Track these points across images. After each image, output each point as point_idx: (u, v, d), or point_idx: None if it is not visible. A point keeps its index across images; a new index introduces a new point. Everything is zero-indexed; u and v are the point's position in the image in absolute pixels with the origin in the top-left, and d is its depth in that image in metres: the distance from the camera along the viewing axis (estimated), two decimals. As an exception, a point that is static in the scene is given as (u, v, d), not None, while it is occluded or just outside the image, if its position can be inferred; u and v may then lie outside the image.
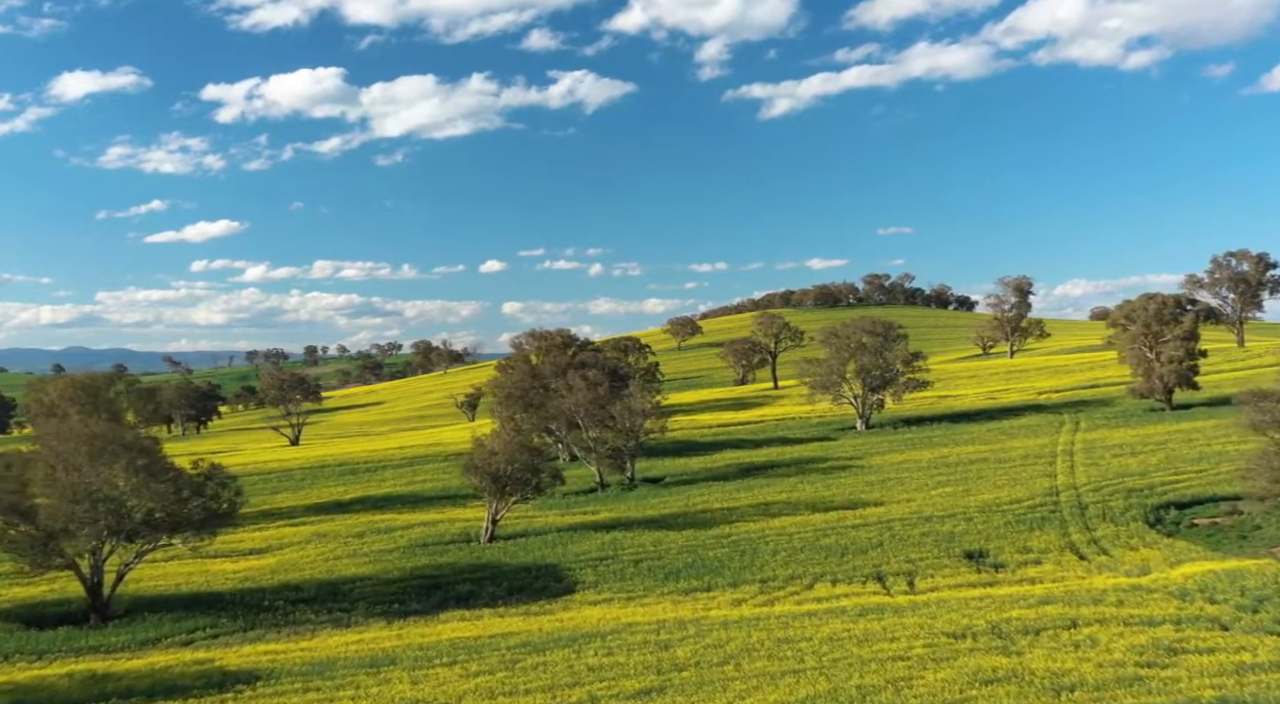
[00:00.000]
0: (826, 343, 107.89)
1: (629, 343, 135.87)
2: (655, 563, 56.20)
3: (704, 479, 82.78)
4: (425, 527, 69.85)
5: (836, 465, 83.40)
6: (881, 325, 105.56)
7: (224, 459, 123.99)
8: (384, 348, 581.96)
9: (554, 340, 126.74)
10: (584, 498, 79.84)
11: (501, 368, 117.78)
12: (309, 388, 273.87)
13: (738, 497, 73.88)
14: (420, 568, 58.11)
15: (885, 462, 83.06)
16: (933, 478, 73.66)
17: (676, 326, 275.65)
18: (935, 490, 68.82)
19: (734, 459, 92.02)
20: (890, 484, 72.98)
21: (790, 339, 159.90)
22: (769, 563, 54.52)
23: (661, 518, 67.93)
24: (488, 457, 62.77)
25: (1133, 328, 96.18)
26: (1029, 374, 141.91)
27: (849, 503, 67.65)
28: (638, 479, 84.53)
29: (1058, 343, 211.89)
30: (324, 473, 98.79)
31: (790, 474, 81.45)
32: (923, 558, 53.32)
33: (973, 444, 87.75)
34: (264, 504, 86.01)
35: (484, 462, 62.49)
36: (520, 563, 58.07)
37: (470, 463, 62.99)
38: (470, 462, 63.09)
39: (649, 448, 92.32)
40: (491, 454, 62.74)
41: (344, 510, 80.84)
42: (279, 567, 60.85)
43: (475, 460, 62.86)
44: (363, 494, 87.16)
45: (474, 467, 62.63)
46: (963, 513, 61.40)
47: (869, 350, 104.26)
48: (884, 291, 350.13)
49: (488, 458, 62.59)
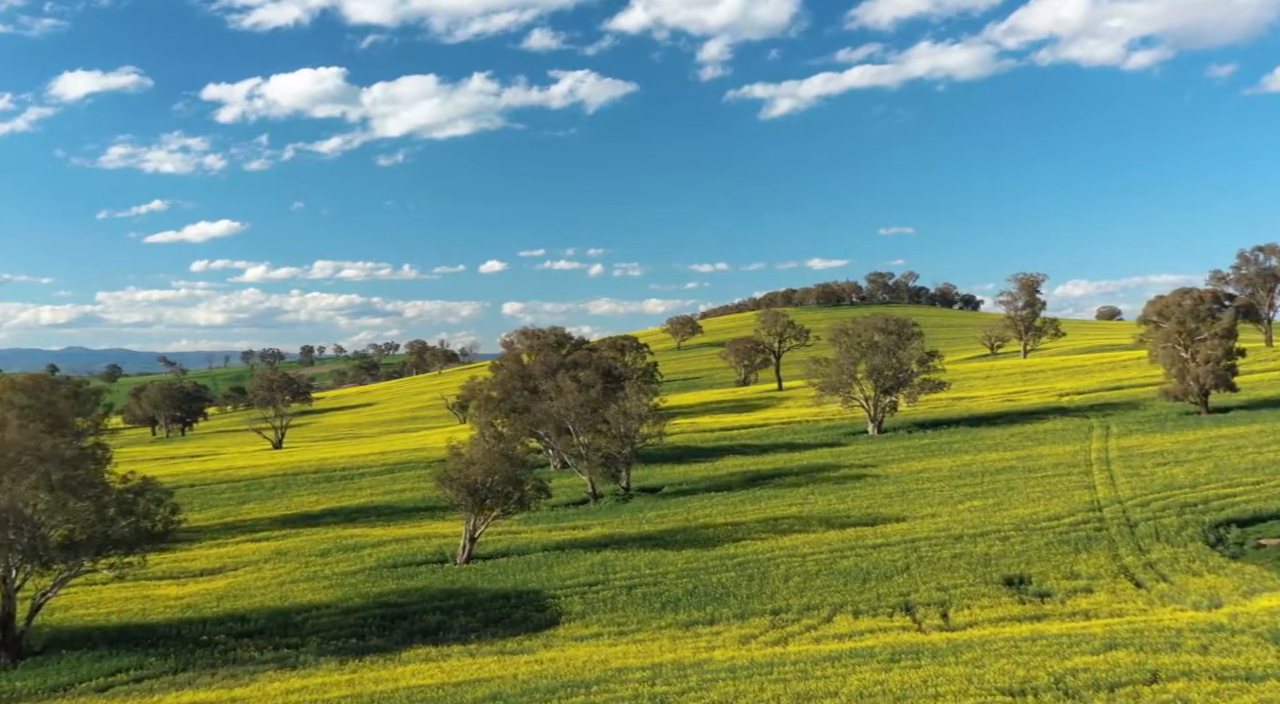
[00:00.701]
0: (836, 342, 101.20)
1: (626, 342, 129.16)
2: (651, 589, 49.44)
3: (705, 489, 76.04)
4: (397, 544, 63.12)
5: (850, 474, 76.66)
6: (895, 323, 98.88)
7: (200, 464, 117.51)
8: (380, 348, 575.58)
9: (546, 339, 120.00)
10: (574, 510, 73.14)
11: (495, 368, 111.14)
12: (298, 389, 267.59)
13: (743, 510, 67.16)
14: (385, 594, 51.35)
15: (903, 470, 76.30)
16: (958, 489, 66.94)
17: (676, 326, 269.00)
18: (963, 504, 62.09)
19: (738, 466, 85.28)
20: (911, 496, 66.26)
21: (795, 338, 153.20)
22: (780, 590, 47.78)
23: (659, 535, 61.20)
24: (464, 467, 56.08)
25: (1166, 325, 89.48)
26: (1046, 375, 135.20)
27: (867, 518, 60.93)
28: (633, 489, 77.83)
29: (1068, 343, 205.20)
30: (297, 481, 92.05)
31: (800, 484, 74.73)
32: (956, 585, 46.61)
33: (997, 450, 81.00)
34: (228, 516, 79.32)
35: (460, 473, 55.80)
36: (498, 588, 51.30)
37: (444, 474, 56.28)
38: (444, 473, 56.38)
39: (646, 454, 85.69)
40: (468, 464, 56.05)
41: (312, 524, 74.10)
42: (229, 591, 54.09)
43: (450, 471, 56.16)
44: (335, 505, 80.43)
45: (448, 478, 55.92)
46: (996, 531, 54.68)
47: (881, 349, 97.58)
48: (888, 290, 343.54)
49: (464, 469, 55.91)
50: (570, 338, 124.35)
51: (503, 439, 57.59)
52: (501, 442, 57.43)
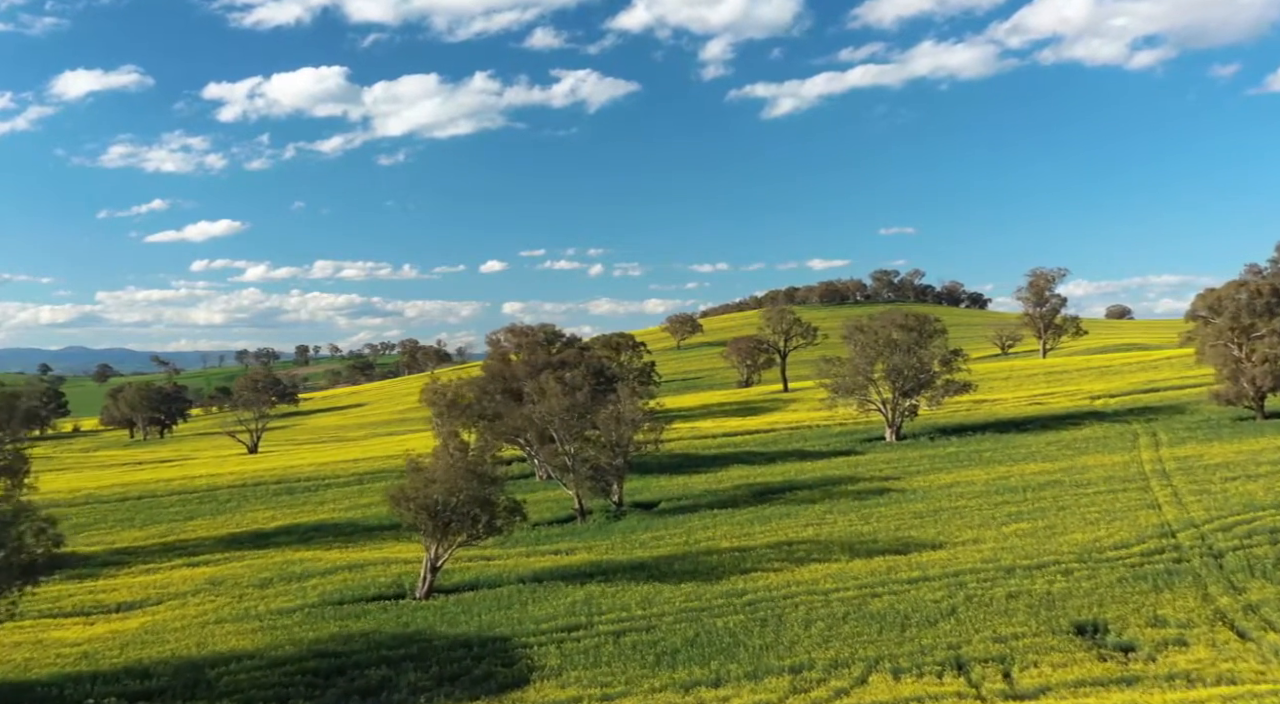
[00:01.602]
0: (850, 339, 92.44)
1: (621, 340, 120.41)
2: (643, 636, 40.67)
3: (708, 505, 67.29)
4: (350, 572, 54.34)
5: (871, 489, 67.87)
6: (915, 318, 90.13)
7: (154, 473, 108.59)
8: (376, 348, 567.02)
9: (535, 337, 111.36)
10: (558, 530, 64.42)
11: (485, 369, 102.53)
12: (284, 390, 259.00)
13: (751, 531, 58.40)
14: (323, 641, 42.55)
15: (931, 484, 67.51)
16: (999, 508, 58.16)
17: (675, 324, 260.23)
18: (1009, 527, 53.28)
19: (743, 478, 76.51)
20: (945, 516, 57.47)
21: (802, 337, 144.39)
22: (801, 639, 39.00)
23: (654, 562, 52.42)
24: (423, 485, 47.31)
25: (1218, 321, 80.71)
26: (1071, 375, 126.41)
27: (897, 544, 52.15)
28: (626, 504, 69.08)
29: (1082, 343, 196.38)
30: (256, 493, 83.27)
31: (815, 499, 65.96)
32: (1017, 634, 37.87)
33: (1034, 461, 72.21)
34: (170, 534, 70.58)
35: (418, 492, 47.04)
36: (460, 634, 42.53)
37: (399, 493, 47.48)
38: (400, 491, 47.57)
39: (641, 463, 76.96)
40: (429, 482, 47.29)
41: (261, 544, 65.37)
42: (139, 635, 45.30)
43: (407, 490, 47.37)
44: (291, 522, 71.67)
45: (404, 498, 47.15)
46: (1055, 561, 45.91)
47: (900, 348, 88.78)
48: (892, 288, 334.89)
49: (423, 487, 47.14)
50: (561, 335, 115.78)
51: (469, 451, 48.82)
52: (469, 454, 48.66)
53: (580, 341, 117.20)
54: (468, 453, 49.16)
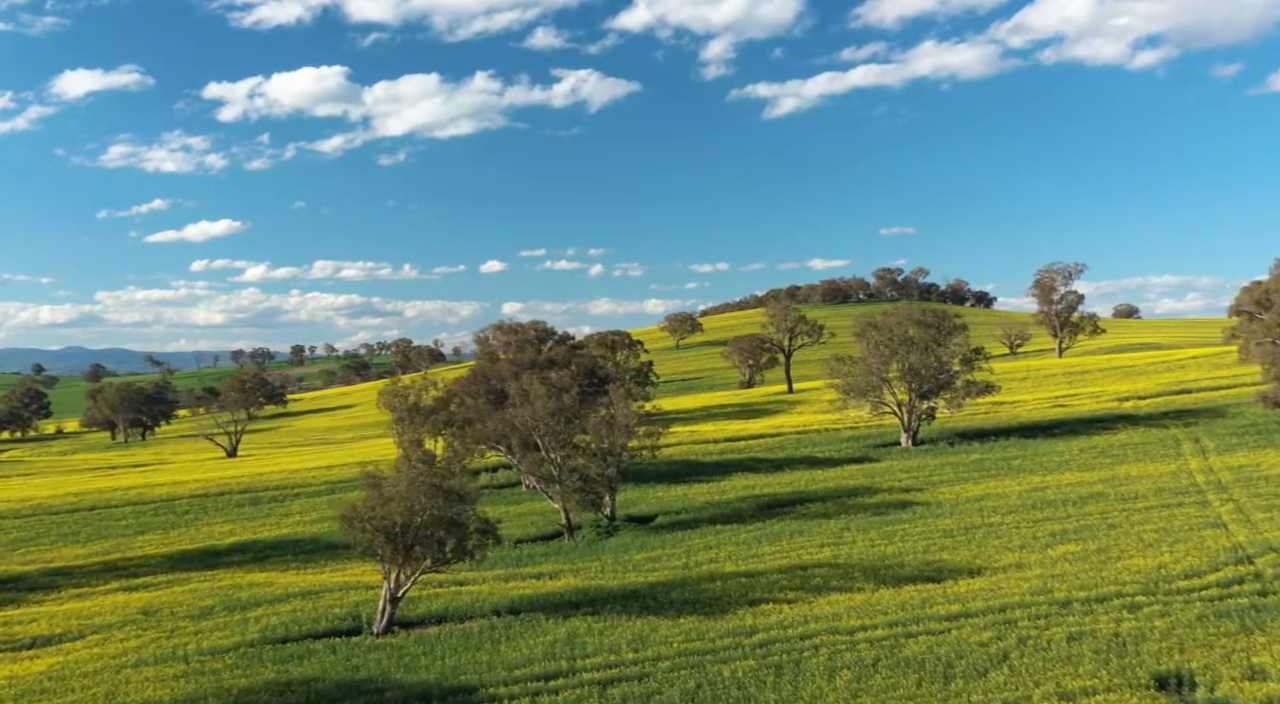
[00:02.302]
0: (863, 337, 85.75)
1: (617, 338, 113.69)
2: (635, 688, 33.96)
3: (709, 519, 60.61)
4: (303, 600, 47.58)
5: (891, 501, 61.18)
6: (934, 314, 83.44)
7: (128, 478, 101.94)
8: (372, 347, 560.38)
9: (525, 334, 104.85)
10: (542, 548, 57.74)
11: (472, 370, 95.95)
12: (272, 390, 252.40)
13: (760, 551, 51.72)
14: (255, 691, 35.79)
15: (957, 496, 60.81)
16: (1040, 526, 51.46)
17: (675, 323, 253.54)
18: (1055, 550, 46.57)
19: (748, 488, 69.84)
20: (980, 536, 50.75)
21: (808, 335, 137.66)
22: (825, 694, 32.27)
23: (649, 590, 45.68)
24: (380, 504, 40.60)
25: (1265, 317, 74.07)
26: (1093, 376, 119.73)
27: (928, 569, 45.45)
28: (619, 519, 62.44)
29: (1095, 342, 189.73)
30: (218, 503, 76.55)
31: (829, 514, 59.26)
32: (1087, 687, 31.16)
33: (1070, 470, 65.56)
34: (115, 551, 63.88)
35: (373, 511, 40.32)
36: (418, 682, 35.80)
37: (352, 513, 40.73)
38: (352, 511, 40.82)
39: (636, 471, 70.29)
40: (386, 500, 40.58)
41: (212, 564, 58.71)
42: (42, 681, 38.55)
43: (360, 509, 40.64)
44: (249, 538, 64.98)
45: (357, 518, 40.41)
46: (1116, 593, 39.21)
47: (918, 346, 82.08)
48: (896, 287, 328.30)
49: (380, 506, 40.43)
50: (553, 333, 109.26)
51: (436, 463, 42.16)
52: (435, 466, 41.98)
53: (573, 339, 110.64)
54: (434, 465, 42.45)
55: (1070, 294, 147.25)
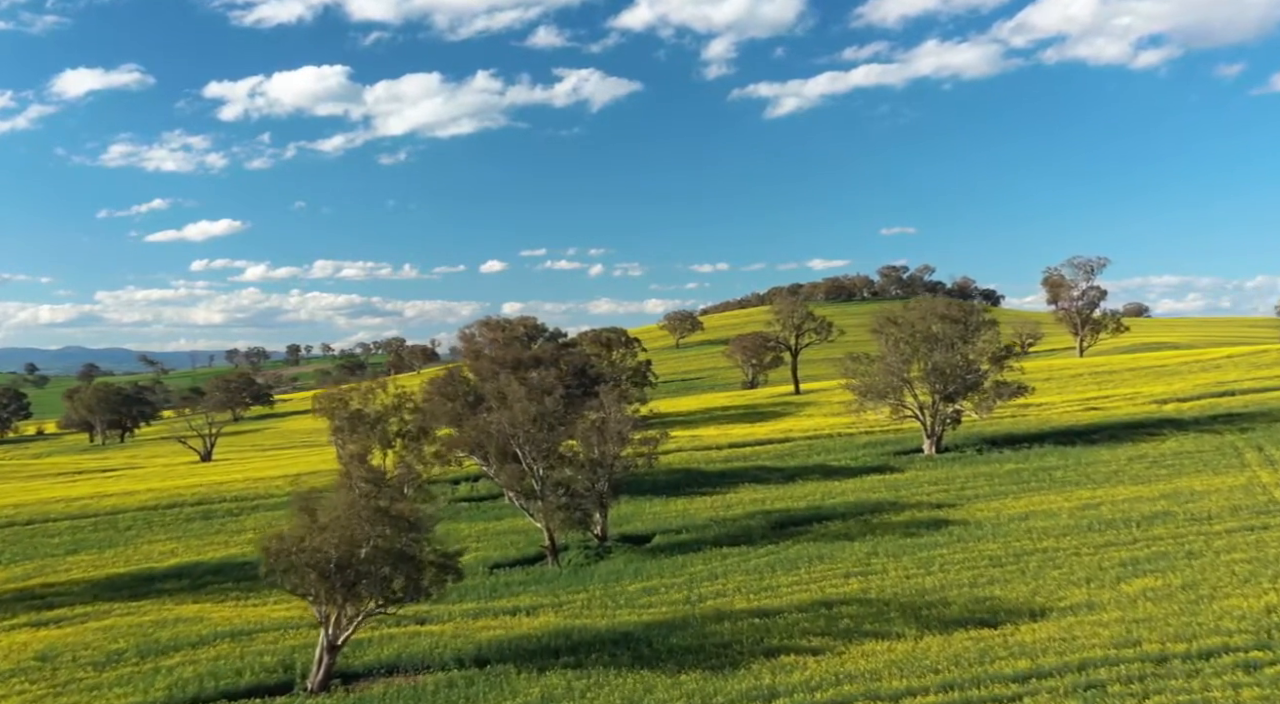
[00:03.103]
0: (881, 333, 78.09)
1: (612, 336, 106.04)
2: (623, 777, 26.35)
3: (714, 540, 52.92)
4: (233, 641, 39.93)
5: (922, 520, 53.52)
6: (960, 308, 75.90)
7: (86, 487, 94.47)
8: (368, 347, 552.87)
9: (513, 331, 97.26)
10: (521, 575, 50.03)
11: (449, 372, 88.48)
12: (259, 391, 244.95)
13: (775, 582, 44.07)
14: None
15: (999, 513, 53.11)
16: (1103, 553, 43.81)
17: (674, 322, 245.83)
18: (1130, 585, 38.89)
19: (757, 502, 62.20)
20: (1034, 565, 43.08)
21: (815, 332, 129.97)
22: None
23: (644, 632, 38.06)
24: (312, 532, 32.93)
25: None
26: (1122, 376, 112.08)
27: (980, 608, 37.80)
28: (610, 538, 54.79)
29: (1110, 342, 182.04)
30: (165, 517, 68.85)
31: (852, 534, 51.57)
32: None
33: (1122, 483, 57.94)
34: (37, 574, 56.18)
35: (302, 542, 32.64)
36: (347, 765, 28.17)
37: (277, 544, 32.98)
38: (277, 542, 33.08)
39: (632, 482, 62.63)
40: (319, 528, 32.92)
41: (141, 592, 51.03)
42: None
43: (288, 539, 32.92)
44: (192, 559, 57.30)
45: (283, 550, 32.69)
46: (1223, 646, 31.56)
47: (943, 343, 74.50)
48: (901, 285, 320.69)
49: (312, 535, 32.75)
50: (543, 330, 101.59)
51: (384, 483, 34.58)
52: (383, 486, 34.41)
53: (565, 336, 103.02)
54: (382, 484, 34.83)
55: (1092, 290, 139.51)
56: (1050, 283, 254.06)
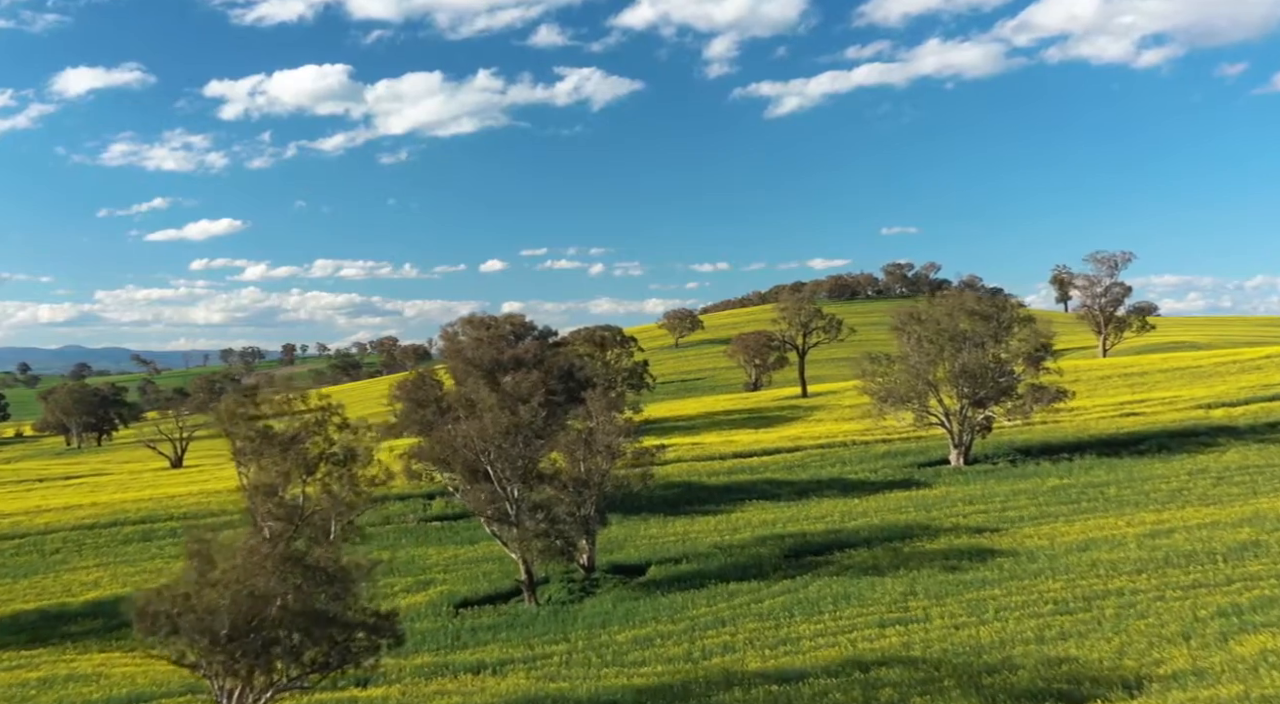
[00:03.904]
0: (903, 332, 70.49)
1: (607, 335, 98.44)
2: None
3: (718, 572, 45.24)
4: (126, 711, 32.31)
5: (963, 548, 45.81)
6: (990, 303, 68.28)
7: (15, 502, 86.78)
8: (363, 346, 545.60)
9: (499, 329, 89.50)
10: (490, 616, 42.36)
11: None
12: (245, 393, 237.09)
13: (794, 632, 36.37)
14: None
15: (1052, 542, 45.36)
16: (1194, 596, 36.08)
17: (674, 320, 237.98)
18: (1243, 644, 31.14)
19: (766, 523, 54.56)
20: (1109, 610, 35.37)
21: (824, 331, 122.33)
22: None
23: (635, 701, 30.43)
24: (200, 587, 25.25)
25: None
26: (1154, 378, 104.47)
27: (1056, 674, 30.07)
28: (599, 570, 47.12)
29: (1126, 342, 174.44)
30: (101, 538, 61.25)
31: (881, 566, 43.86)
32: None
33: (1189, 503, 50.27)
34: (-66, 611, 48.39)
35: (188, 601, 24.97)
36: None
37: (153, 603, 25.30)
38: (153, 599, 25.40)
39: (626, 499, 54.94)
40: (208, 583, 25.23)
41: (44, 636, 43.42)
42: None
43: (170, 597, 25.23)
44: (114, 593, 49.42)
45: (159, 613, 25.03)
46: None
47: (972, 342, 66.90)
48: (906, 283, 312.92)
49: (196, 591, 25.07)
50: (531, 328, 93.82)
51: (301, 523, 26.85)
52: (299, 527, 26.76)
53: (555, 335, 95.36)
54: (298, 522, 27.19)
55: (1116, 287, 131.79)
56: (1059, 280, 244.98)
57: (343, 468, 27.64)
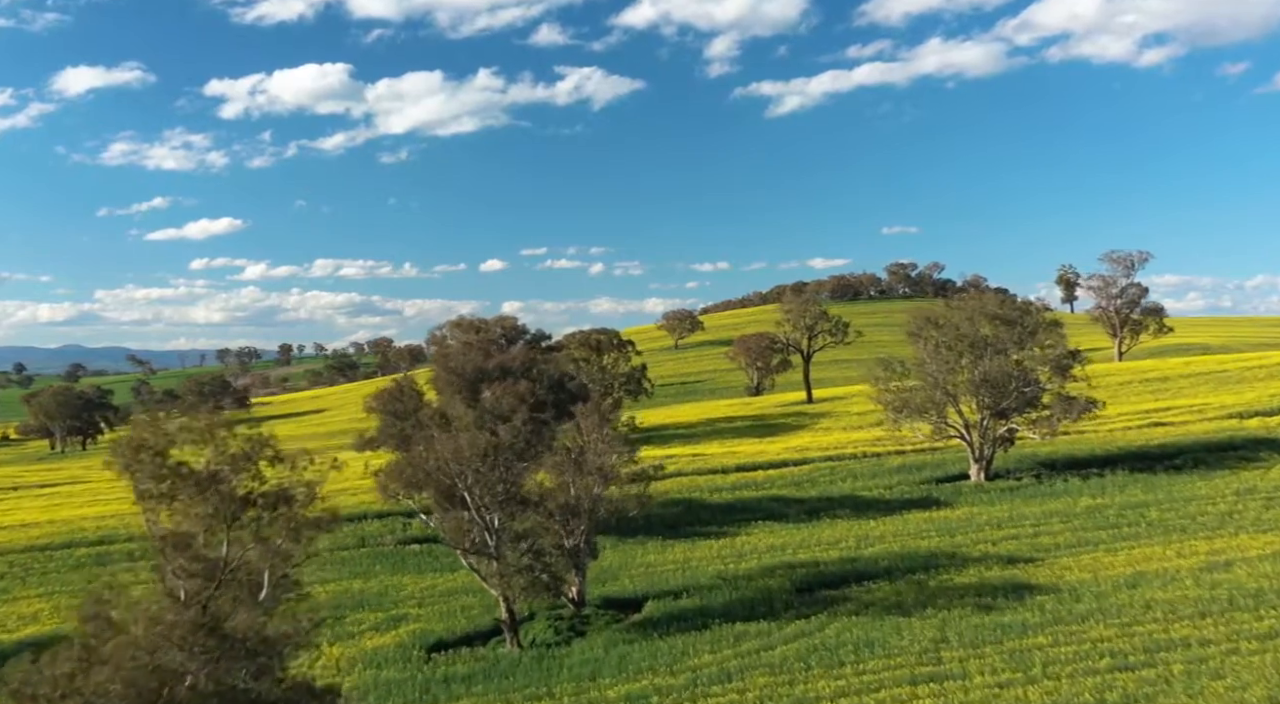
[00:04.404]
0: (920, 337, 65.66)
1: (603, 338, 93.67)
2: None
3: (724, 611, 40.45)
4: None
5: (996, 582, 40.94)
6: (1014, 306, 63.54)
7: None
8: (361, 346, 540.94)
9: (489, 333, 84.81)
10: (465, 663, 37.49)
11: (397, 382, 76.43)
12: (235, 394, 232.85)
13: (812, 693, 31.53)
14: None
15: (1094, 575, 40.54)
16: (1274, 648, 31.34)
17: (673, 321, 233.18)
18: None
19: (775, 549, 49.77)
20: (1177, 665, 30.56)
21: (830, 334, 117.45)
22: None
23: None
24: (89, 664, 20.48)
25: None
26: (1177, 384, 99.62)
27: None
28: (589, 605, 42.32)
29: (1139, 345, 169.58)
30: (54, 560, 56.37)
31: (905, 604, 39.02)
32: None
33: (1244, 531, 45.42)
34: None
35: (69, 684, 20.19)
36: None
37: (31, 684, 20.59)
38: (32, 680, 20.69)
39: (620, 520, 50.08)
40: (99, 661, 20.46)
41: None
42: None
43: (47, 678, 20.49)
44: (53, 628, 44.58)
45: (40, 699, 20.28)
46: None
47: (993, 348, 62.14)
48: (910, 283, 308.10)
49: (82, 671, 20.30)
50: (524, 332, 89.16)
51: (222, 581, 22.14)
52: (220, 586, 22.04)
53: (548, 339, 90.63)
54: (218, 581, 22.43)
55: (1133, 288, 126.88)
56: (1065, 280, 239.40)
57: (275, 511, 23.06)
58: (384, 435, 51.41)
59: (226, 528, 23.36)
